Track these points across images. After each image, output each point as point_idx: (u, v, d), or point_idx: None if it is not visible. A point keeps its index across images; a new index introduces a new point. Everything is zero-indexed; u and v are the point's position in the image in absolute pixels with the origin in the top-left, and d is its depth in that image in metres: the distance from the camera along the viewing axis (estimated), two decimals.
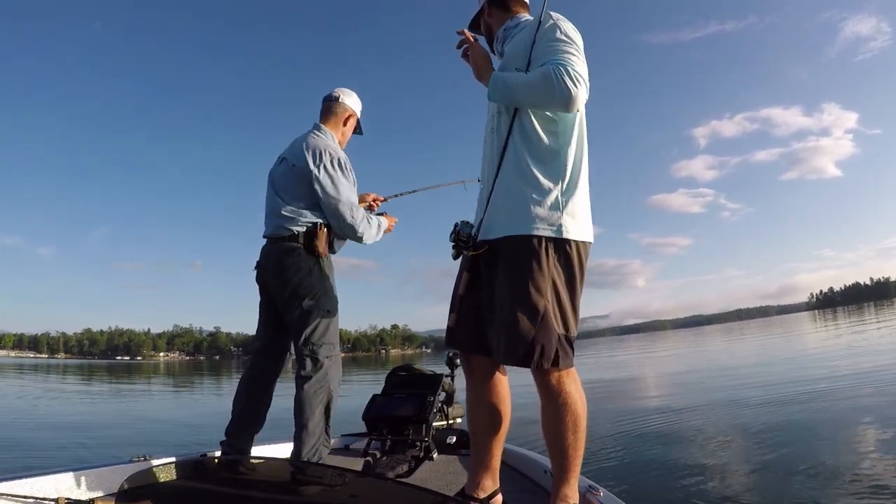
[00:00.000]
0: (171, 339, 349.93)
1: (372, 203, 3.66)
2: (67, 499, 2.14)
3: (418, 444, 3.43)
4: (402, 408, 3.64)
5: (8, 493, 2.11)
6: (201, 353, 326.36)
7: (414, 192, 4.15)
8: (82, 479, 2.46)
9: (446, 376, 4.12)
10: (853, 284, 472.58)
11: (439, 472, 3.36)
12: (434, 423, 3.70)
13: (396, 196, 3.92)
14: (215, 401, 17.65)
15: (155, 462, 2.62)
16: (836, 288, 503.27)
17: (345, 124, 3.36)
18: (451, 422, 4.36)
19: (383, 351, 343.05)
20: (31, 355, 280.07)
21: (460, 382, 4.65)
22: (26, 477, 2.25)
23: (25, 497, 2.14)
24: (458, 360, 4.51)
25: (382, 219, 3.32)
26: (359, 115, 3.45)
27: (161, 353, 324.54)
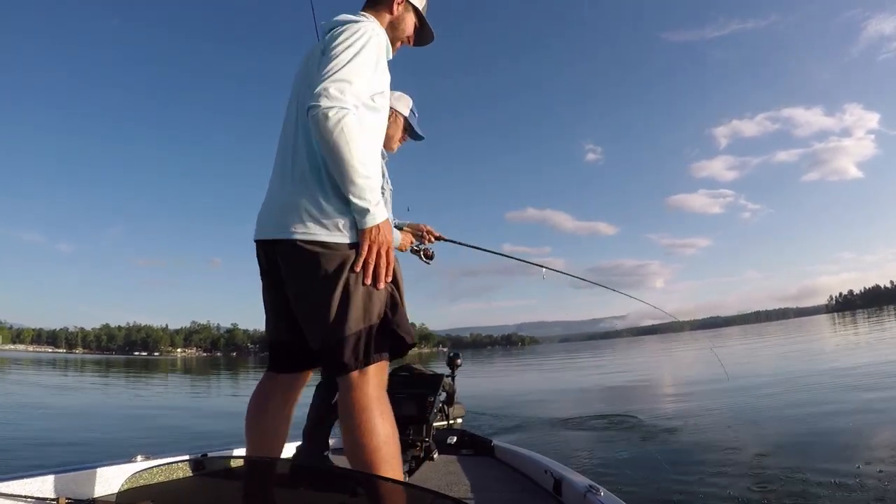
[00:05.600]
0: (189, 336, 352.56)
1: (425, 236, 3.53)
2: (68, 498, 2.15)
3: (419, 444, 3.43)
4: (403, 408, 3.63)
5: (9, 492, 2.12)
6: (218, 349, 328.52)
7: (477, 248, 4.08)
8: (83, 478, 2.46)
9: (447, 376, 4.12)
10: (873, 287, 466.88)
11: (440, 472, 3.37)
12: (434, 424, 3.71)
13: (454, 242, 3.77)
14: (228, 400, 17.67)
15: (156, 462, 2.63)
16: (856, 291, 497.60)
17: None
18: (451, 422, 4.37)
19: None
20: (50, 350, 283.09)
21: (461, 383, 4.68)
22: (27, 476, 2.24)
23: (26, 496, 2.14)
24: (459, 361, 4.54)
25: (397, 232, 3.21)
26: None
27: (178, 349, 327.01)
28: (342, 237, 1.88)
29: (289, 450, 3.55)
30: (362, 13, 2.12)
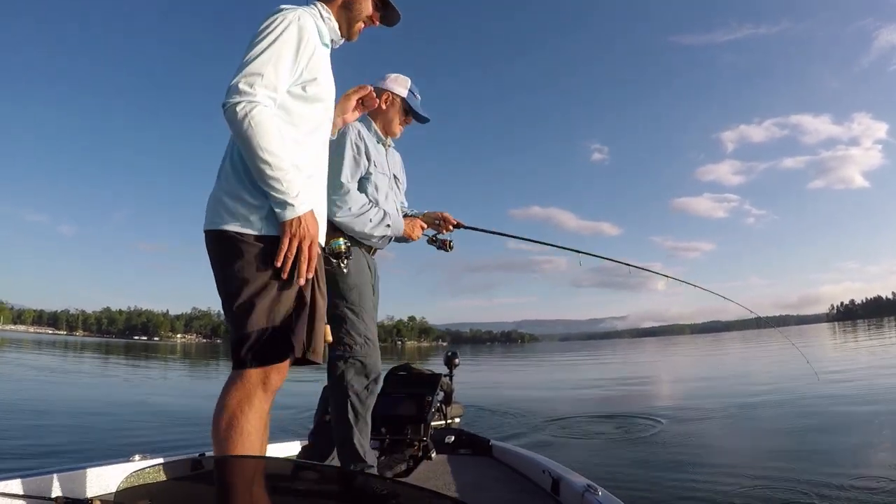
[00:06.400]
0: (189, 322, 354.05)
1: (442, 224, 3.38)
2: (66, 498, 2.15)
3: (417, 443, 3.44)
4: (401, 407, 3.64)
5: (6, 491, 2.11)
6: (218, 336, 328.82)
7: (499, 234, 3.88)
8: (80, 477, 2.46)
9: (445, 376, 4.12)
10: (875, 298, 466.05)
11: (438, 472, 3.37)
12: (432, 423, 3.70)
13: (475, 229, 3.57)
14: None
15: (153, 461, 2.63)
16: (858, 301, 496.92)
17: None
18: (449, 421, 4.37)
19: (399, 342, 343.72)
20: (50, 331, 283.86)
21: (459, 381, 4.67)
22: (24, 476, 2.24)
23: (24, 496, 2.13)
24: (457, 360, 4.54)
25: (398, 218, 3.04)
26: None
27: (178, 335, 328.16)
28: (253, 229, 1.87)
29: (284, 448, 3.59)
30: (313, 2, 2.15)
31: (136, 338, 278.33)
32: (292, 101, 1.96)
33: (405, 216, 3.19)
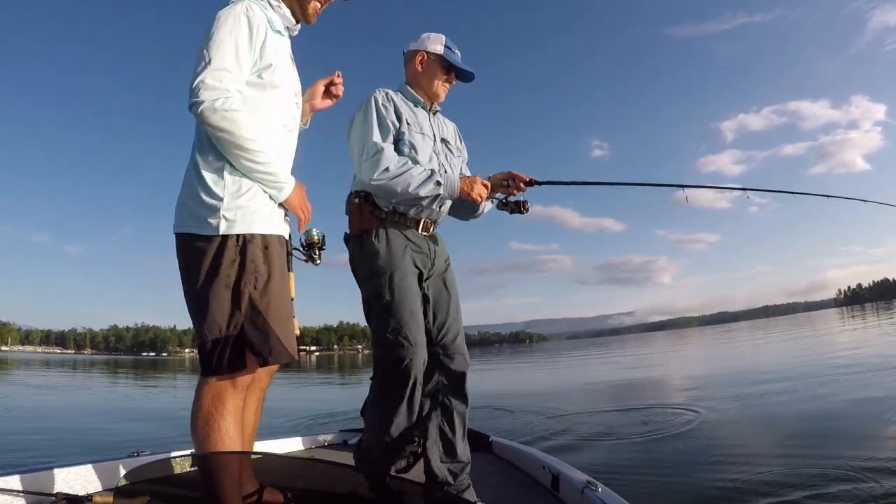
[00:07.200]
0: None
1: (511, 184, 2.95)
2: (66, 494, 2.18)
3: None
4: None
5: (7, 487, 2.14)
6: None
7: (584, 184, 3.40)
8: (80, 474, 2.48)
9: None
10: (882, 280, 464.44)
11: None
12: None
13: (551, 183, 3.10)
14: None
15: (153, 457, 2.67)
16: (865, 284, 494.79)
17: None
18: None
19: None
20: (58, 351, 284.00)
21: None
22: (24, 472, 2.27)
23: (23, 492, 2.16)
24: None
25: (450, 176, 2.67)
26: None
27: (186, 350, 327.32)
28: (210, 230, 1.87)
29: (283, 445, 3.66)
30: None
31: (145, 354, 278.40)
32: (248, 90, 1.96)
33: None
